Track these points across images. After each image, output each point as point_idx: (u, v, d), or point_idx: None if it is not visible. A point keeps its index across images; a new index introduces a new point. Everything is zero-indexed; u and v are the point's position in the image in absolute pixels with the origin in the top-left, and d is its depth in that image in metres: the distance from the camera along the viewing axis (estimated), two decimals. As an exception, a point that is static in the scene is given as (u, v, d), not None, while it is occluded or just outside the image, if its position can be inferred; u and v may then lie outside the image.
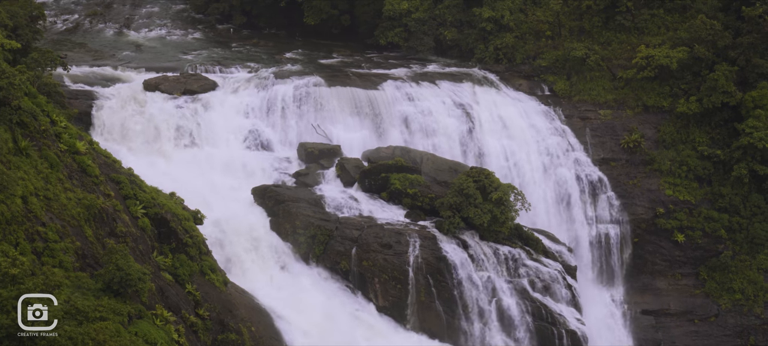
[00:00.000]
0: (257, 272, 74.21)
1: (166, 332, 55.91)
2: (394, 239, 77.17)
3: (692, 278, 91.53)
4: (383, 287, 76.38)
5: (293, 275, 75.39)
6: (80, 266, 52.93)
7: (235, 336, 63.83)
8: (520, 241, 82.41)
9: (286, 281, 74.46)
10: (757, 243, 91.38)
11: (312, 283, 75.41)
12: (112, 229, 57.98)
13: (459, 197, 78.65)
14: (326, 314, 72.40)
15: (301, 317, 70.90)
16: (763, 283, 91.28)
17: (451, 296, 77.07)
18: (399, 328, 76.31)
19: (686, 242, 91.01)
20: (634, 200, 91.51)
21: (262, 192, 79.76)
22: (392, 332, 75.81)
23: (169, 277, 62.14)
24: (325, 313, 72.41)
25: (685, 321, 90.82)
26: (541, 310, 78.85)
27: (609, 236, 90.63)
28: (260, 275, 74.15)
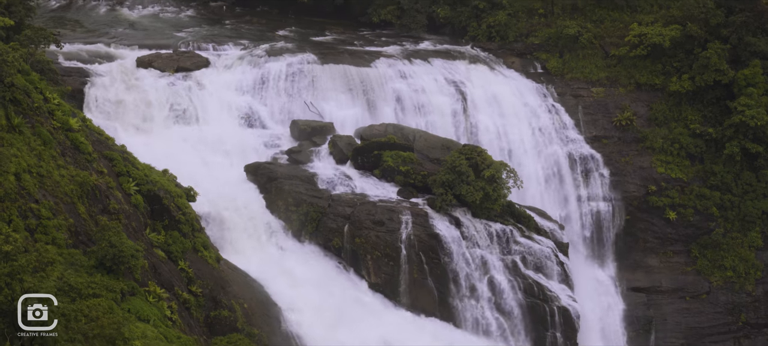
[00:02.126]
0: (250, 249, 74.45)
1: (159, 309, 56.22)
2: (386, 216, 77.45)
3: (684, 255, 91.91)
4: (376, 264, 76.69)
5: (286, 252, 75.61)
6: (73, 243, 53.19)
7: (228, 313, 64.15)
8: (512, 218, 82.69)
9: (279, 258, 74.68)
10: (748, 221, 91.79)
11: (304, 260, 75.66)
12: (105, 206, 58.19)
13: (451, 175, 78.90)
14: (319, 291, 72.65)
15: (293, 293, 71.17)
16: (755, 260, 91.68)
17: (444, 273, 77.38)
18: (391, 305, 76.58)
19: (678, 219, 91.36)
20: (626, 177, 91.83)
21: (254, 169, 79.96)
22: (385, 309, 76.10)
23: (161, 254, 62.40)
24: (318, 290, 72.66)
25: (676, 298, 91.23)
26: (533, 287, 79.20)
27: (601, 214, 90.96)
28: (253, 252, 74.38)
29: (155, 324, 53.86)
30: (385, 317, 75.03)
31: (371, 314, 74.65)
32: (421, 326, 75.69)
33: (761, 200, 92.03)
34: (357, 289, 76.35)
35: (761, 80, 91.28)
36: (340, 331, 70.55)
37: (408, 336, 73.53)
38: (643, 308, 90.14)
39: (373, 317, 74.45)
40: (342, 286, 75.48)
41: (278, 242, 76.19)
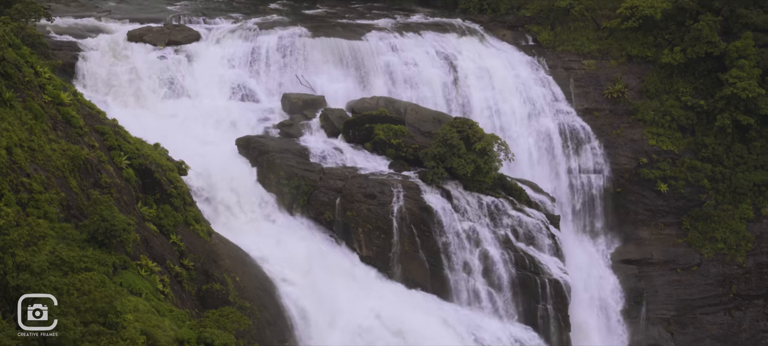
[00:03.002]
0: (241, 223, 74.71)
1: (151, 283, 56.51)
2: (377, 190, 77.74)
3: (675, 227, 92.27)
4: (367, 237, 77.02)
5: (277, 226, 75.87)
6: (65, 217, 53.43)
7: (220, 286, 64.47)
8: (503, 191, 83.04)
9: (271, 231, 74.94)
10: (739, 193, 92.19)
11: (296, 233, 75.91)
12: (97, 180, 58.40)
13: (443, 148, 79.19)
14: (310, 264, 72.91)
15: (285, 267, 71.41)
16: (746, 232, 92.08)
17: (435, 245, 77.73)
18: (383, 278, 76.92)
19: (669, 191, 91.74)
20: (618, 150, 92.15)
21: (246, 143, 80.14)
22: (376, 281, 76.45)
23: (153, 227, 62.66)
24: (309, 263, 72.92)
25: (667, 270, 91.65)
26: (525, 259, 79.59)
27: (592, 186, 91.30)
28: (244, 225, 74.65)
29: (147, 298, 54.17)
30: (377, 289, 75.37)
31: (363, 287, 74.98)
32: (412, 299, 76.06)
33: (752, 171, 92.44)
34: (348, 262, 76.66)
35: (753, 52, 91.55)
36: (331, 304, 70.89)
37: (399, 309, 73.89)
38: (634, 280, 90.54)
39: (365, 289, 74.77)
40: (333, 259, 75.77)
41: (270, 216, 76.47)
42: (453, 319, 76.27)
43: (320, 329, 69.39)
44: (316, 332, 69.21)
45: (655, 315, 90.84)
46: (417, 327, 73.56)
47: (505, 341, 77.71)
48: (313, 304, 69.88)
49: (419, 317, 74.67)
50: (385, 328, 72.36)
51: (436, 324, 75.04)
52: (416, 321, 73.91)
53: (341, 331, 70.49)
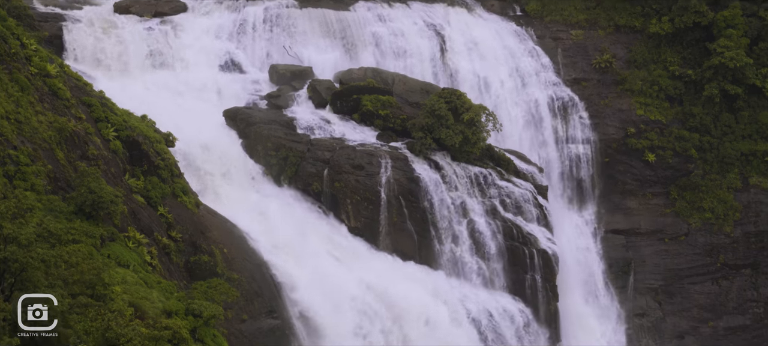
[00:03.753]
0: (229, 194, 74.75)
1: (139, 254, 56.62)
2: (365, 161, 77.84)
3: (662, 197, 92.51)
4: (355, 208, 77.16)
5: (265, 197, 75.93)
6: (52, 189, 53.47)
7: (208, 258, 64.61)
8: (491, 161, 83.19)
9: (258, 202, 75.03)
10: (727, 162, 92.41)
11: (284, 204, 76.01)
12: (84, 152, 58.41)
13: (431, 118, 79.29)
14: (298, 235, 73.07)
15: (273, 238, 71.55)
16: (733, 202, 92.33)
17: (423, 216, 77.94)
18: (371, 249, 77.11)
19: (657, 161, 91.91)
20: (606, 120, 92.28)
21: (233, 114, 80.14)
22: (364, 252, 76.61)
23: (141, 199, 62.74)
24: (298, 234, 73.08)
25: (655, 240, 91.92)
26: (513, 230, 79.84)
27: (580, 156, 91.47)
28: (232, 197, 74.68)
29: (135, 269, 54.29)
30: (365, 260, 75.54)
31: (351, 257, 75.15)
32: (400, 270, 76.29)
33: (740, 141, 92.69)
34: (337, 233, 76.81)
35: (740, 22, 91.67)
36: (319, 275, 71.06)
37: (387, 279, 74.11)
38: (622, 250, 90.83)
39: (353, 260, 74.94)
40: (322, 230, 75.93)
41: (257, 187, 76.55)
42: (441, 289, 76.55)
43: (308, 300, 69.59)
44: (305, 303, 69.42)
45: (643, 285, 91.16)
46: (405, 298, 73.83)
47: (493, 311, 77.99)
48: (301, 275, 70.06)
49: (408, 287, 74.90)
50: (373, 298, 72.59)
51: (425, 295, 75.29)
52: (405, 292, 74.15)
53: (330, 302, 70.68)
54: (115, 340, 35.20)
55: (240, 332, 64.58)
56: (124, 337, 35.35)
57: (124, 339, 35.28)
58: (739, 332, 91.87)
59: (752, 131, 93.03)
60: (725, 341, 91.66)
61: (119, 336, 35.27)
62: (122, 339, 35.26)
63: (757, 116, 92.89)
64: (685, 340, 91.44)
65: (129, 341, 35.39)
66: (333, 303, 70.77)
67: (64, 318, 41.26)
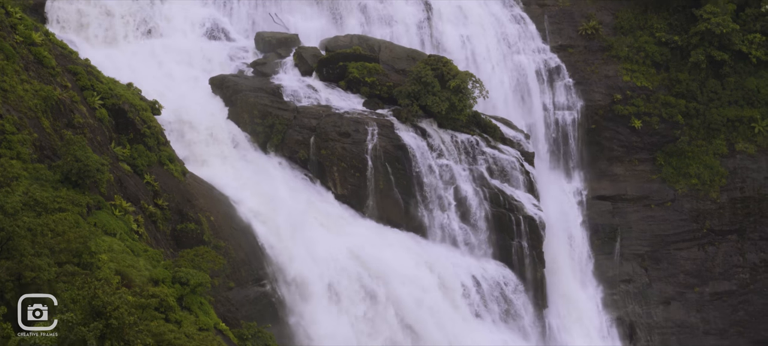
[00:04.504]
0: (215, 162, 74.77)
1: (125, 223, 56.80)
2: (352, 128, 77.93)
3: (649, 163, 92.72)
4: (342, 175, 77.30)
5: (252, 165, 75.97)
6: (38, 158, 53.54)
7: (195, 226, 64.77)
8: (478, 128, 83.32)
9: (245, 170, 75.08)
10: (713, 128, 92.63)
11: (271, 172, 76.07)
12: (70, 120, 58.44)
13: (417, 85, 79.36)
14: (285, 202, 73.20)
15: (260, 206, 71.70)
16: (719, 168, 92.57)
17: (410, 183, 78.12)
18: (358, 216, 77.31)
19: (643, 127, 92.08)
20: (592, 86, 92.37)
21: (219, 82, 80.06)
22: (351, 219, 76.81)
23: (127, 167, 62.81)
24: (284, 202, 73.21)
25: (641, 206, 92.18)
26: (499, 196, 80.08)
27: (566, 123, 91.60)
28: (218, 164, 74.71)
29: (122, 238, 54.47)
30: (352, 227, 75.77)
31: (338, 225, 75.36)
32: (387, 237, 76.54)
33: (726, 107, 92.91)
34: (324, 200, 76.97)
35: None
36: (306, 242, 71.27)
37: (374, 246, 74.39)
38: (608, 216, 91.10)
39: (340, 228, 75.17)
40: (309, 197, 76.05)
41: (244, 155, 76.55)
42: (428, 256, 76.81)
43: (295, 267, 69.84)
44: (291, 270, 69.67)
45: (629, 251, 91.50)
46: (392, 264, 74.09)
47: (480, 277, 78.31)
48: (288, 243, 70.28)
49: (394, 254, 75.17)
50: (360, 265, 72.87)
51: (411, 261, 75.58)
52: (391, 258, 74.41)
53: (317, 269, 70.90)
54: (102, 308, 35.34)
55: (227, 299, 64.81)
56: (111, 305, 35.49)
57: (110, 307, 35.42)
58: (725, 297, 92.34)
59: (738, 97, 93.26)
60: (711, 307, 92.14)
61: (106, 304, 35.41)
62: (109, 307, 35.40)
63: (744, 82, 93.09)
64: (671, 306, 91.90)
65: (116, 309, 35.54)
66: (320, 270, 70.99)
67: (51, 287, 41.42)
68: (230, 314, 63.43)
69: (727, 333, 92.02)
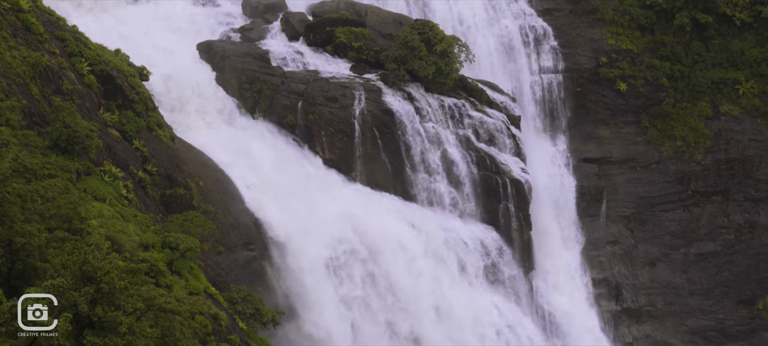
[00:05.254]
0: (204, 128, 74.80)
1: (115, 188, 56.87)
2: (339, 93, 77.95)
3: (634, 126, 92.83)
4: (330, 140, 77.37)
5: (240, 130, 76.03)
6: (27, 124, 53.51)
7: (184, 191, 64.86)
8: (464, 92, 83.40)
9: (233, 135, 75.12)
10: (698, 91, 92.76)
11: (259, 137, 76.16)
12: (58, 87, 58.38)
13: (404, 50, 79.36)
14: (274, 167, 73.32)
15: (248, 170, 71.82)
16: (704, 130, 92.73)
17: (397, 147, 78.23)
18: (346, 180, 77.49)
19: (628, 90, 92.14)
20: (577, 49, 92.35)
21: (207, 48, 79.92)
22: (339, 183, 76.99)
23: (116, 133, 62.81)
24: (273, 166, 73.33)
25: (627, 168, 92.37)
26: (486, 160, 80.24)
27: (552, 86, 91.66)
28: (207, 130, 74.75)
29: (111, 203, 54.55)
30: (340, 191, 75.97)
31: (326, 188, 75.53)
32: (375, 200, 76.76)
33: (711, 69, 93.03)
34: (312, 164, 77.09)
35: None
36: (294, 206, 71.43)
37: (362, 210, 74.63)
38: (594, 179, 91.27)
39: (328, 191, 75.36)
40: (297, 162, 76.18)
41: (232, 120, 76.55)
42: (416, 219, 77.10)
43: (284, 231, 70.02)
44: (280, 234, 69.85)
45: (615, 212, 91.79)
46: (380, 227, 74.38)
47: (468, 240, 78.60)
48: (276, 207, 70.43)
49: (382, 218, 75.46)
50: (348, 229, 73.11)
51: (399, 224, 75.87)
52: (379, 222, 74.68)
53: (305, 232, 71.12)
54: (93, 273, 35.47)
55: (217, 263, 65.03)
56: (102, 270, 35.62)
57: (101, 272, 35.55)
58: (710, 258, 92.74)
59: (723, 59, 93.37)
60: (696, 268, 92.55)
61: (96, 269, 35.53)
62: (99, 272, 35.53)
63: (728, 45, 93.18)
64: (656, 266, 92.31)
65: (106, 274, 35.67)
66: (308, 234, 71.22)
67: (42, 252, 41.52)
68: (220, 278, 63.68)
69: (712, 293, 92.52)
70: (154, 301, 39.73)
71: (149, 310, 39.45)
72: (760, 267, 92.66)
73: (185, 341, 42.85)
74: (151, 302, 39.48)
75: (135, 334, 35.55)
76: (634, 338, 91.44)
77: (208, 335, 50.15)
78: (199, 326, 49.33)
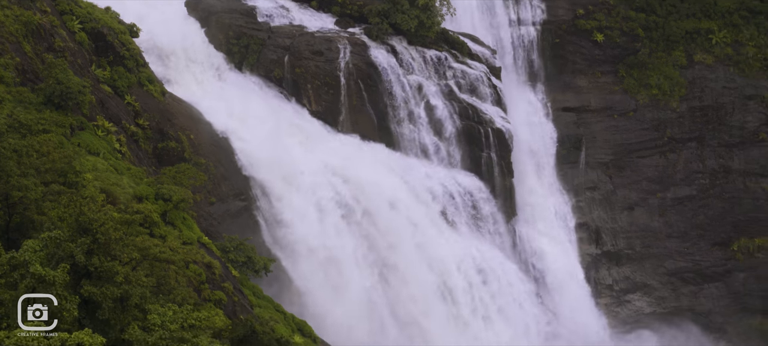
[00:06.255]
0: (193, 82, 74.70)
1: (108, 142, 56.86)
2: (325, 46, 77.92)
3: (611, 75, 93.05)
4: (316, 92, 77.39)
5: (228, 84, 75.96)
6: (21, 82, 53.41)
7: (175, 144, 64.86)
8: (446, 45, 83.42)
9: (222, 89, 75.07)
10: (672, 40, 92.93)
11: (247, 90, 76.13)
12: (51, 44, 58.22)
13: (386, 4, 79.31)
14: (262, 119, 73.30)
15: (237, 123, 71.81)
16: (679, 78, 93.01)
17: (381, 99, 78.33)
18: (332, 131, 77.58)
19: (605, 41, 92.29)
20: (555, 2, 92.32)
21: (195, 4, 79.62)
22: (326, 135, 77.07)
23: (108, 89, 62.72)
24: (261, 119, 73.31)
25: (605, 117, 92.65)
26: (468, 110, 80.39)
27: (531, 38, 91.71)
28: (196, 85, 74.67)
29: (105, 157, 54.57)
30: (327, 142, 76.08)
31: (313, 140, 75.62)
32: (361, 150, 76.90)
33: (684, 19, 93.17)
34: (299, 117, 77.13)
35: None
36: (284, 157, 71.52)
37: (349, 160, 74.75)
38: (573, 127, 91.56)
39: (316, 142, 75.43)
40: (284, 114, 76.23)
41: (220, 75, 76.46)
42: (400, 167, 77.30)
43: (273, 182, 70.15)
44: (270, 185, 69.98)
45: (594, 159, 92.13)
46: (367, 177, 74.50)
47: (452, 187, 78.82)
48: (266, 158, 70.50)
49: (369, 167, 75.57)
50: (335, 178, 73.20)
51: (385, 173, 76.03)
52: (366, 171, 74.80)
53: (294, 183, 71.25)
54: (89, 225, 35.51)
55: (209, 214, 65.16)
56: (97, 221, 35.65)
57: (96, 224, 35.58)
58: (686, 202, 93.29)
59: (696, 10, 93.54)
60: (673, 211, 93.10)
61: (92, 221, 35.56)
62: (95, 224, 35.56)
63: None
64: (634, 211, 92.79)
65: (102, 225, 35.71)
66: (297, 184, 71.36)
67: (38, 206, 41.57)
68: (213, 228, 63.83)
69: (688, 236, 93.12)
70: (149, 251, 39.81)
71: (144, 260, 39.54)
72: (734, 210, 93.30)
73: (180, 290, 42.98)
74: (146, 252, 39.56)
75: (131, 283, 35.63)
76: (613, 280, 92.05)
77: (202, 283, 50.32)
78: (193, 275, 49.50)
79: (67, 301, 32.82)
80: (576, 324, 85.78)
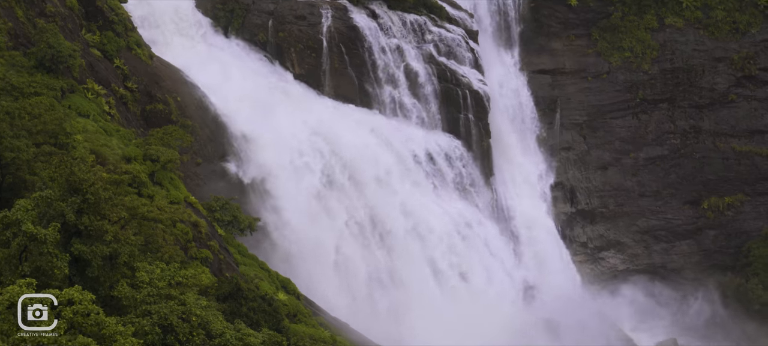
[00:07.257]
0: (180, 46, 74.82)
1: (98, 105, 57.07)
2: (307, 11, 78.08)
3: (585, 39, 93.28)
4: (299, 56, 77.62)
5: (214, 48, 76.16)
6: (13, 46, 53.56)
7: (163, 106, 65.12)
8: (425, 9, 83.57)
9: (208, 53, 75.25)
10: (644, 4, 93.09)
11: (232, 54, 76.36)
12: (42, 9, 58.29)
13: (368, -30, 79.58)
14: (246, 82, 73.55)
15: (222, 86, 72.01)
16: (651, 41, 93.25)
17: (363, 62, 78.58)
18: (315, 94, 77.86)
19: (579, 5, 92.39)
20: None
21: (182, -30, 79.70)
22: (309, 97, 77.35)
23: (97, 53, 62.86)
24: (246, 82, 73.56)
25: (579, 79, 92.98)
26: (446, 72, 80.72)
27: (507, 2, 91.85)
28: (183, 48, 74.77)
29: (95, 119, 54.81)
30: (310, 104, 76.35)
31: (297, 102, 75.86)
32: (343, 112, 77.20)
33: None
34: (283, 80, 77.39)
35: None
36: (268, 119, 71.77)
37: (332, 122, 75.06)
38: (548, 89, 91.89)
39: (299, 105, 75.68)
40: (268, 77, 76.48)
41: (207, 39, 76.63)
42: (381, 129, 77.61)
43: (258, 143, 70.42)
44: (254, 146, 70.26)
45: (569, 120, 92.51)
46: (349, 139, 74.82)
47: (431, 148, 79.18)
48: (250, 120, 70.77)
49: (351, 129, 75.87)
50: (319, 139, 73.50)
51: (366, 134, 76.35)
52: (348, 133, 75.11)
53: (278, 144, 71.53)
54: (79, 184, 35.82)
55: (195, 174, 65.46)
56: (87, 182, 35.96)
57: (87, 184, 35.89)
58: (658, 161, 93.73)
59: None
60: (645, 171, 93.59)
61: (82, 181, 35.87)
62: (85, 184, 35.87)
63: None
64: (608, 170, 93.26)
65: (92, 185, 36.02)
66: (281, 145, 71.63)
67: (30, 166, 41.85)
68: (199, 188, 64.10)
69: (660, 195, 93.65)
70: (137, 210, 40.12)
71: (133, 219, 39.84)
72: (704, 170, 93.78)
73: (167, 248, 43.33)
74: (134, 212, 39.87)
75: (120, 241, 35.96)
76: (588, 238, 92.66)
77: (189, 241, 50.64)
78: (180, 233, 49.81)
79: (58, 259, 33.20)
80: (552, 281, 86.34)
